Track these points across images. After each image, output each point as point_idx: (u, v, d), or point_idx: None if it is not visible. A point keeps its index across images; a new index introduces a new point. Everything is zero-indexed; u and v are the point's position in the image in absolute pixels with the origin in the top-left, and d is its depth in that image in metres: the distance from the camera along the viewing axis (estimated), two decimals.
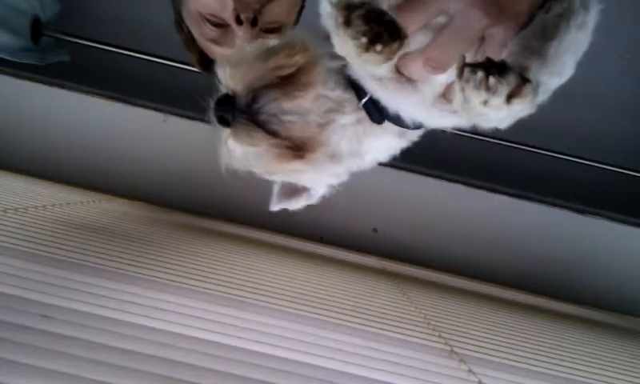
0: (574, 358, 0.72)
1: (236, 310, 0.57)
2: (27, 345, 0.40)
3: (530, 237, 1.30)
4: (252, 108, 0.45)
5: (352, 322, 0.64)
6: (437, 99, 0.47)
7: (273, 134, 0.46)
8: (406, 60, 0.42)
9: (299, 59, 0.45)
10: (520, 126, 0.40)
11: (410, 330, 0.67)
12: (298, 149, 0.47)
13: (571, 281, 1.29)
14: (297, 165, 0.48)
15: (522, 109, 0.36)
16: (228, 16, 0.63)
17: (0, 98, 1.24)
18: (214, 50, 0.68)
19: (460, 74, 0.36)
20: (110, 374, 0.39)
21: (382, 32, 0.36)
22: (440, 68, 0.41)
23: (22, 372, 0.36)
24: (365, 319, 0.66)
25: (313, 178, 0.54)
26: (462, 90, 0.36)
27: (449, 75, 0.43)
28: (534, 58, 0.39)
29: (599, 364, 0.72)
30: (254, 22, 0.63)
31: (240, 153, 0.48)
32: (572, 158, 1.47)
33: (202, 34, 0.69)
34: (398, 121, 0.50)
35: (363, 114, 0.50)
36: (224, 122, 0.46)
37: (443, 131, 0.52)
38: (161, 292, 0.57)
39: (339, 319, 0.64)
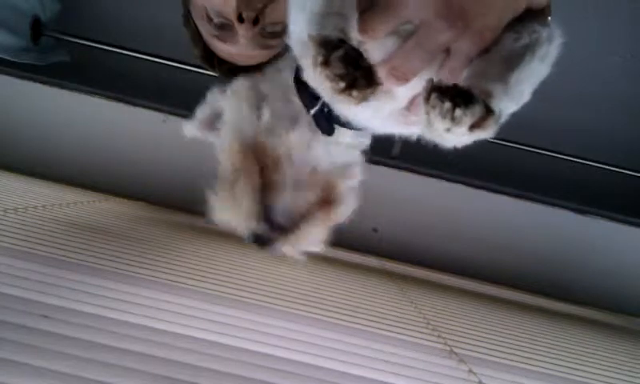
0: (573, 358, 0.72)
1: (235, 310, 0.57)
2: (27, 345, 0.40)
3: (530, 237, 1.30)
4: (274, 225, 0.54)
5: (352, 322, 0.64)
6: (397, 112, 0.47)
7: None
8: None
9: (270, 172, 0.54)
10: (520, 125, 0.40)
11: (409, 330, 0.67)
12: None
13: (571, 281, 1.29)
14: None
15: (482, 135, 0.37)
16: (230, 12, 0.63)
17: (0, 98, 1.24)
18: (217, 46, 0.69)
19: (427, 97, 0.36)
20: (109, 373, 0.39)
21: (359, 78, 0.37)
22: (403, 78, 0.41)
23: (22, 372, 0.36)
24: (365, 319, 0.66)
25: None
26: (428, 113, 0.36)
27: (411, 89, 0.43)
28: (497, 84, 0.39)
29: (599, 364, 0.72)
30: (255, 21, 0.63)
31: None
32: (572, 158, 1.46)
33: (207, 30, 0.70)
34: (348, 125, 0.52)
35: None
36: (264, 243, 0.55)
37: None
38: (160, 292, 0.58)
39: (339, 319, 0.64)
